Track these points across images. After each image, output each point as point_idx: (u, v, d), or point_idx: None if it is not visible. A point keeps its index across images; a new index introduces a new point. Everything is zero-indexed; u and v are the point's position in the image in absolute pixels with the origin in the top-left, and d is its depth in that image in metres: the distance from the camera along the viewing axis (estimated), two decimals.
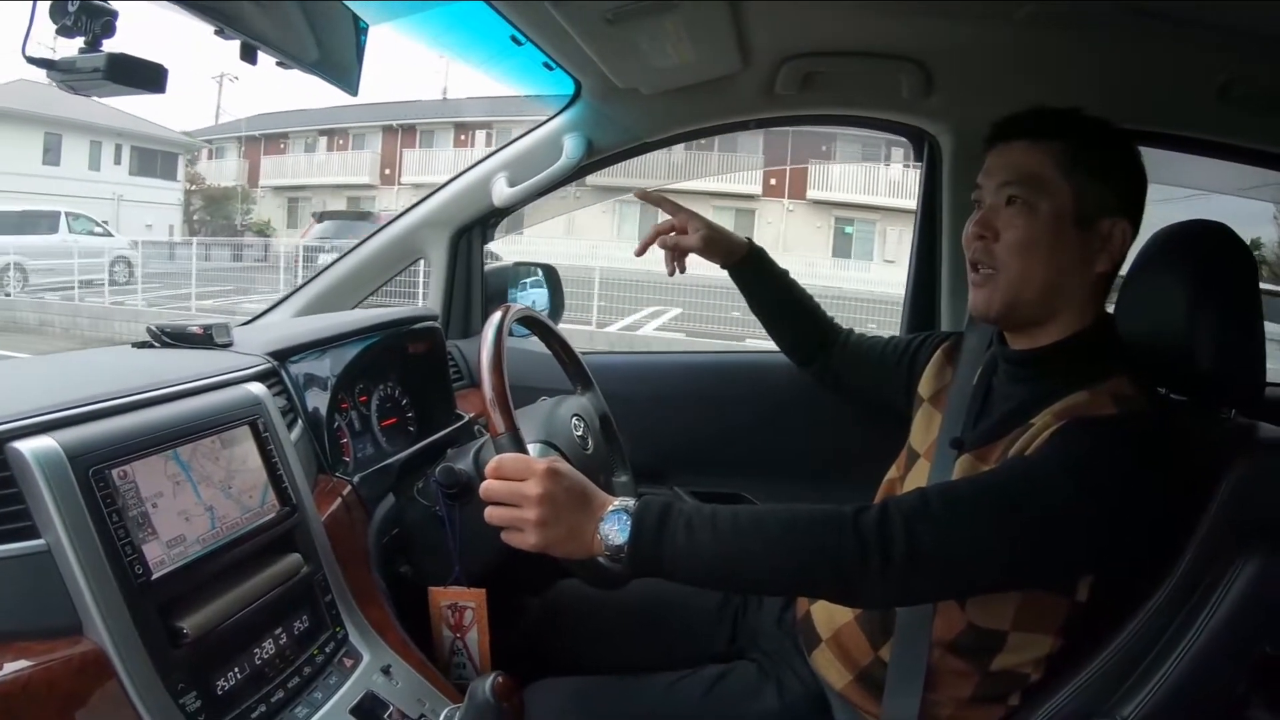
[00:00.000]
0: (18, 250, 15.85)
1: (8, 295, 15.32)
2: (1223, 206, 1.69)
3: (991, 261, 1.26)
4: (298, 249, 15.19)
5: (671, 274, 1.79)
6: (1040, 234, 1.22)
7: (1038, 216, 1.23)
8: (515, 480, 1.13)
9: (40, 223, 17.12)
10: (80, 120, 23.60)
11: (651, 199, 1.81)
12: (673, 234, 1.76)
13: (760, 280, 1.81)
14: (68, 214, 17.57)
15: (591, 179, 2.29)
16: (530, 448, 1.26)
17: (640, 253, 1.81)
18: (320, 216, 14.64)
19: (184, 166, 28.48)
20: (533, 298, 2.46)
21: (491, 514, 1.14)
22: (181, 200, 27.87)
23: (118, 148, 25.79)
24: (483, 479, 1.16)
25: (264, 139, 30.04)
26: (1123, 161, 1.26)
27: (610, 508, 1.13)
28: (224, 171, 30.05)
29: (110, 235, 18.15)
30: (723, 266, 1.79)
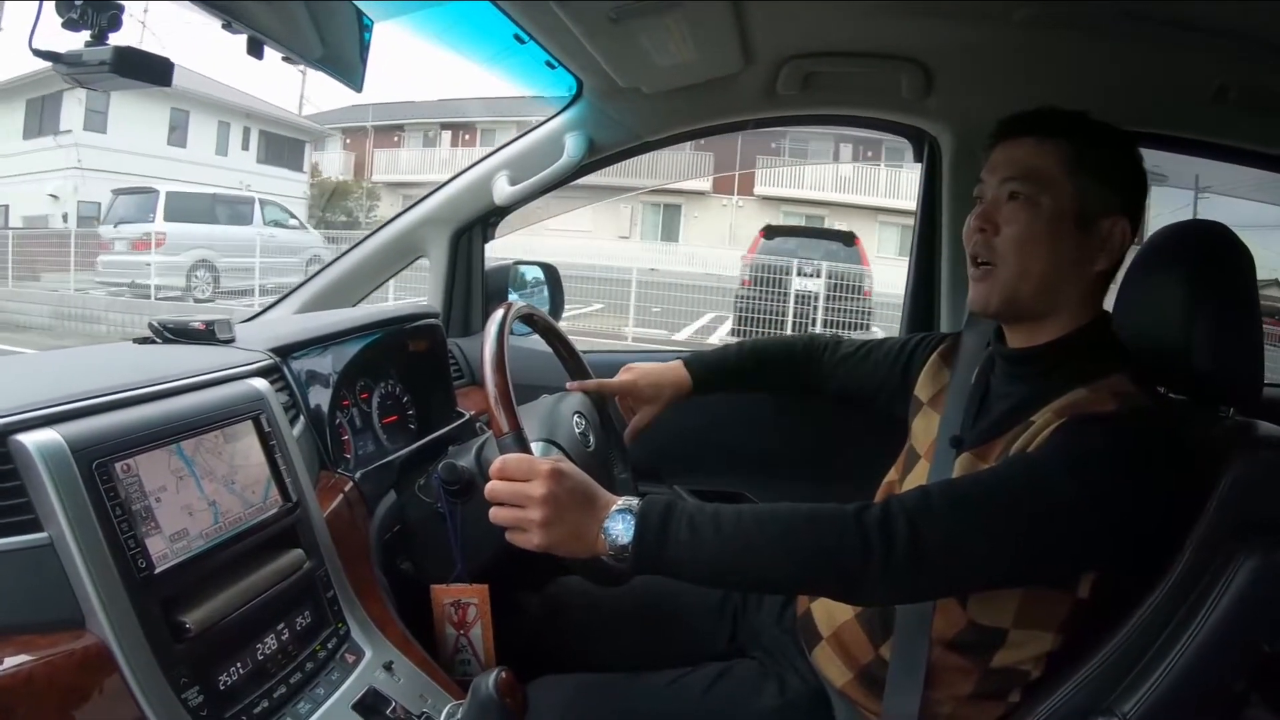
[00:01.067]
0: (207, 243, 13.55)
1: (202, 299, 12.98)
2: None
3: (991, 255, 1.27)
4: (743, 267, 12.31)
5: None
6: (1040, 230, 1.23)
7: (1039, 212, 1.23)
8: (519, 481, 1.13)
9: (232, 210, 14.42)
10: (209, 96, 21.11)
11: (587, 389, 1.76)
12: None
13: (721, 385, 1.83)
14: (261, 201, 15.12)
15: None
16: (533, 446, 1.26)
17: None
18: (771, 231, 12.75)
19: (310, 156, 25.91)
20: (532, 295, 2.46)
21: (496, 514, 1.15)
22: (307, 193, 24.97)
23: (246, 131, 23.08)
24: (485, 476, 1.16)
25: (374, 131, 27.53)
26: (1126, 163, 1.27)
27: (614, 507, 1.14)
28: (328, 164, 27.41)
29: (305, 229, 16.11)
30: (688, 397, 1.80)
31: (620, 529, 1.12)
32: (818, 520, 1.11)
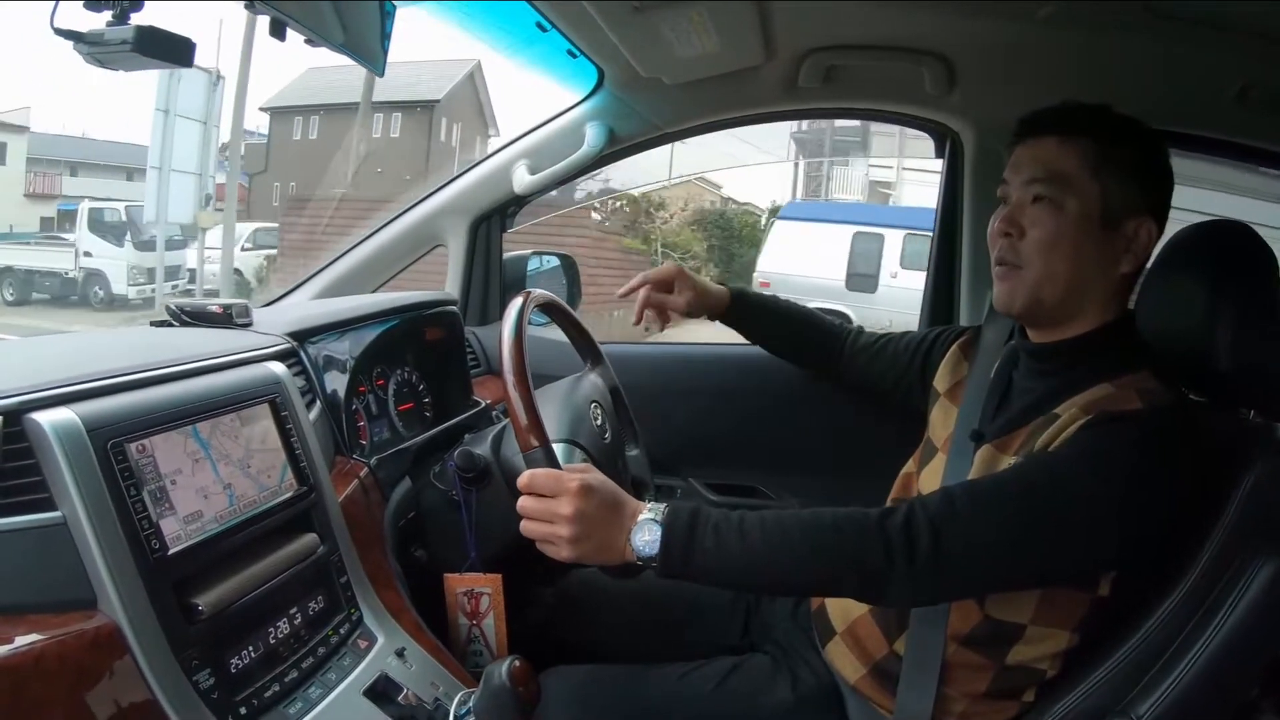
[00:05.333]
0: None
1: None
2: None
3: (1016, 259, 1.25)
4: None
5: (638, 323, 1.78)
6: (1066, 233, 1.21)
7: (1064, 215, 1.21)
8: (547, 496, 1.14)
9: None
10: None
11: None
12: (656, 291, 1.77)
13: (750, 320, 1.84)
14: None
15: None
16: (556, 448, 1.26)
17: (625, 294, 1.79)
18: None
19: None
20: (549, 284, 2.45)
21: (527, 529, 1.16)
22: None
23: None
24: (500, 465, 1.16)
25: None
26: (1151, 161, 1.25)
27: (640, 516, 1.14)
28: None
29: None
30: (711, 320, 1.80)
31: (647, 539, 1.12)
32: (841, 526, 1.11)
